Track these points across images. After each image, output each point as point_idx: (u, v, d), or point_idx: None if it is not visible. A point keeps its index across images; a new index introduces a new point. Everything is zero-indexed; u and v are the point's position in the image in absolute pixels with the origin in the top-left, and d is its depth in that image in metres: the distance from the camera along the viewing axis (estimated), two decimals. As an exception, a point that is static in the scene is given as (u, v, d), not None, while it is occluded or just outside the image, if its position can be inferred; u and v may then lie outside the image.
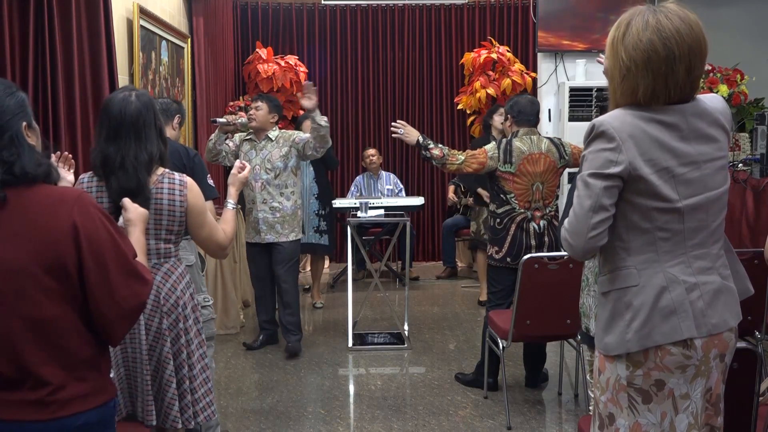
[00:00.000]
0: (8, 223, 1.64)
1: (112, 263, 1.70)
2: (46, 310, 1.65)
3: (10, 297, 1.63)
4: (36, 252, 1.63)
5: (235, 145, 4.84)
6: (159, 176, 2.46)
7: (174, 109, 3.59)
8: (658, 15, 1.82)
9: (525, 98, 4.25)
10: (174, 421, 2.48)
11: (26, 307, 1.64)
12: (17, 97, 1.74)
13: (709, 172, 1.87)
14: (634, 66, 1.81)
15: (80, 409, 1.70)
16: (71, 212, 1.67)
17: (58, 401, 1.67)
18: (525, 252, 4.03)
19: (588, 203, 1.84)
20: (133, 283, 1.74)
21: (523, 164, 4.02)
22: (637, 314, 1.84)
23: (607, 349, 1.90)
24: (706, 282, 1.88)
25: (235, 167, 2.88)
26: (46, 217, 1.65)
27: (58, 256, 1.64)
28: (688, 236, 1.86)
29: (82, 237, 1.66)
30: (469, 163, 4.09)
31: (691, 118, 1.86)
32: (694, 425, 1.90)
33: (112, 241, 1.72)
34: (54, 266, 1.64)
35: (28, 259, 1.63)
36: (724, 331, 1.90)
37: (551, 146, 4.09)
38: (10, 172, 1.65)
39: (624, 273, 1.88)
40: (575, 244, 1.88)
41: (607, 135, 1.83)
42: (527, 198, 4.05)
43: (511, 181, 4.03)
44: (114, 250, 1.71)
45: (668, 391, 1.86)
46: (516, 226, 4.05)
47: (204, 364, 2.60)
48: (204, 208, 2.56)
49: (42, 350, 1.66)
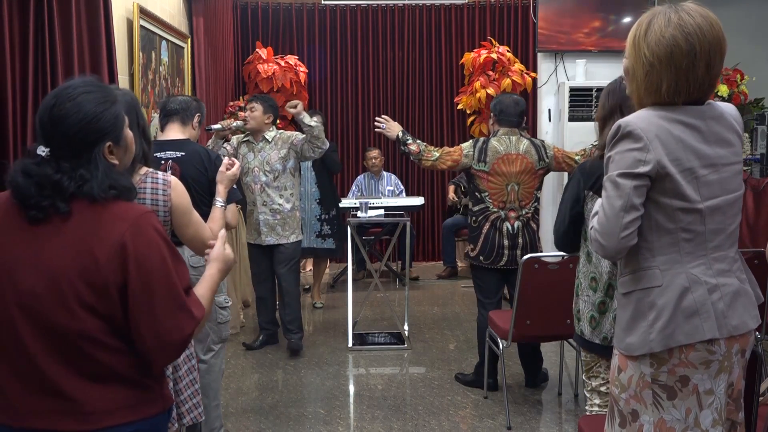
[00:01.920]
0: (65, 233, 1.63)
1: (160, 290, 1.64)
2: (80, 322, 1.62)
3: (48, 302, 1.62)
4: (80, 263, 1.61)
5: (232, 147, 4.83)
6: (142, 176, 2.45)
7: (194, 107, 3.46)
8: (680, 12, 1.85)
9: (509, 98, 4.23)
10: None
11: (61, 315, 1.62)
12: (112, 111, 1.71)
13: (727, 175, 1.90)
14: (657, 62, 1.83)
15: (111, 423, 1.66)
16: (125, 231, 1.63)
17: (83, 412, 1.65)
18: (498, 252, 4.06)
19: (619, 203, 1.84)
20: (179, 315, 1.67)
21: (497, 163, 4.02)
22: (660, 314, 1.85)
23: (629, 350, 1.90)
24: (726, 284, 1.89)
25: (223, 164, 2.86)
26: (99, 232, 1.63)
27: (99, 271, 1.61)
28: (708, 238, 1.88)
29: (131, 258, 1.62)
30: (443, 159, 4.11)
31: (710, 121, 1.89)
32: (718, 421, 1.91)
33: (165, 268, 1.66)
34: (95, 281, 1.61)
35: (72, 269, 1.61)
36: (745, 332, 1.92)
37: (530, 148, 4.09)
38: (81, 188, 1.64)
39: (648, 273, 1.89)
40: (607, 245, 1.88)
41: (634, 135, 1.84)
42: (501, 198, 4.05)
43: (485, 179, 4.05)
44: (165, 278, 1.65)
45: (693, 386, 1.87)
46: (490, 225, 4.07)
47: (191, 365, 2.58)
48: (189, 208, 2.52)
49: (69, 360, 1.64)
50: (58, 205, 1.63)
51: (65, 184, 1.63)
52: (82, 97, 1.67)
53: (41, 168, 1.64)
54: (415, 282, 7.04)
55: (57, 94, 1.69)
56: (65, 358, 1.64)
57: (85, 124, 1.66)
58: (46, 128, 1.66)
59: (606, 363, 2.79)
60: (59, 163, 1.65)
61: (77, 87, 1.70)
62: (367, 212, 5.35)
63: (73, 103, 1.66)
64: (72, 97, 1.67)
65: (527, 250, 4.06)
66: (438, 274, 7.31)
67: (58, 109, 1.66)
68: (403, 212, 5.65)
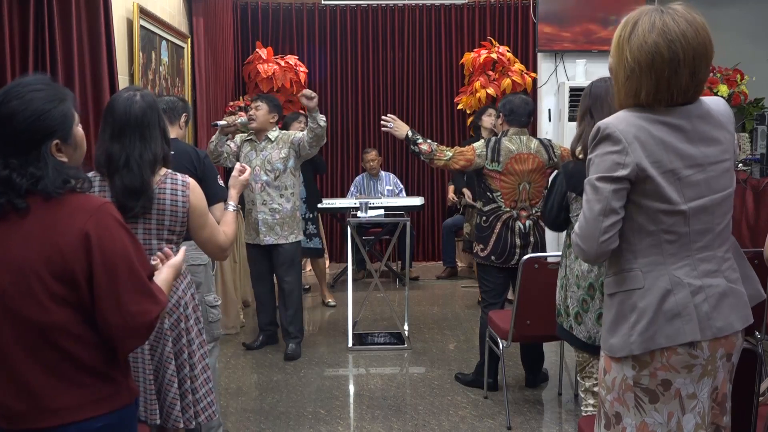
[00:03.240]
0: (26, 227, 1.65)
1: (124, 277, 1.67)
2: (52, 314, 1.64)
3: (16, 297, 1.63)
4: (45, 256, 1.63)
5: (236, 146, 4.85)
6: (162, 176, 2.46)
7: (180, 107, 3.47)
8: (665, 17, 1.80)
9: (519, 98, 4.23)
10: (176, 421, 2.48)
11: (31, 309, 1.63)
12: (60, 109, 1.71)
13: (713, 174, 1.86)
14: (638, 67, 1.80)
15: (90, 415, 1.68)
16: (87, 221, 1.66)
17: (50, 409, 1.66)
18: (510, 251, 4.05)
19: (598, 207, 1.83)
20: (144, 301, 1.70)
21: (510, 163, 4.03)
22: (641, 316, 1.84)
23: (611, 351, 1.90)
24: (712, 285, 1.87)
25: (236, 170, 2.89)
26: (60, 224, 1.65)
27: (65, 262, 1.63)
28: (693, 239, 1.86)
29: (95, 247, 1.64)
30: (456, 159, 4.10)
31: (696, 120, 1.85)
32: (702, 425, 1.89)
33: (127, 256, 1.69)
34: (61, 272, 1.64)
35: (37, 262, 1.63)
36: (730, 334, 1.89)
37: (540, 147, 4.10)
38: (35, 185, 1.65)
39: (630, 275, 1.87)
40: (587, 249, 1.87)
41: (613, 137, 1.82)
42: (513, 197, 4.06)
43: (498, 179, 4.04)
44: (127, 265, 1.68)
45: (675, 390, 1.86)
46: (502, 224, 4.07)
47: (205, 364, 2.60)
48: (206, 210, 2.55)
49: (38, 356, 1.65)
50: (15, 201, 1.64)
51: (17, 180, 1.64)
52: (30, 95, 1.68)
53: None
54: (415, 282, 7.03)
55: (6, 91, 1.69)
56: (33, 354, 1.65)
57: (32, 122, 1.66)
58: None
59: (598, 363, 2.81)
60: (7, 160, 1.65)
61: (27, 85, 1.70)
62: (367, 212, 5.35)
63: (21, 101, 1.67)
64: (20, 95, 1.67)
65: (538, 249, 4.06)
66: (438, 274, 7.31)
67: (5, 106, 1.66)
68: (403, 212, 5.65)
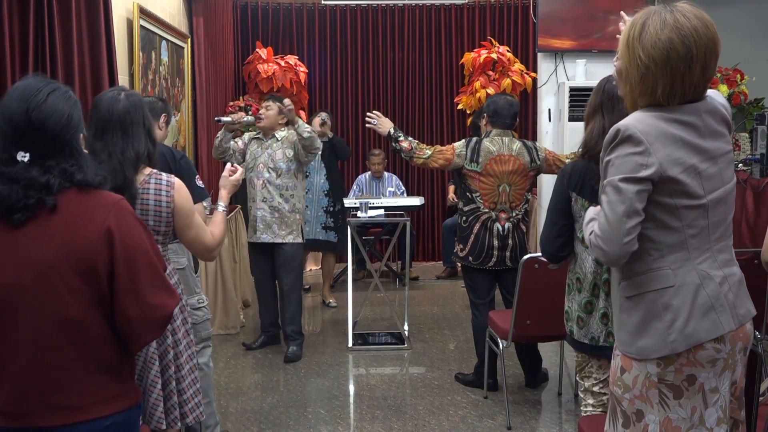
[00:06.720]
0: (51, 224, 1.67)
1: (143, 270, 1.71)
2: (73, 310, 1.66)
3: (38, 293, 1.64)
4: (68, 252, 1.65)
5: (243, 143, 4.86)
6: (146, 176, 2.45)
7: (159, 107, 3.39)
8: (676, 14, 1.82)
9: (504, 99, 4.21)
10: (158, 422, 2.45)
11: (54, 305, 1.65)
12: (77, 104, 1.76)
13: (723, 165, 1.90)
14: (653, 64, 1.81)
15: (98, 415, 1.70)
16: (107, 216, 1.69)
17: (72, 406, 1.67)
18: (487, 252, 4.05)
19: (621, 208, 1.82)
20: (162, 294, 1.75)
21: (490, 164, 4.02)
22: (678, 314, 1.84)
23: (643, 353, 1.87)
24: (731, 274, 1.91)
25: (227, 170, 2.87)
26: (82, 219, 1.68)
27: (88, 257, 1.66)
28: (711, 231, 1.88)
29: (117, 241, 1.68)
30: (435, 158, 4.10)
31: (705, 116, 1.88)
32: (723, 419, 1.91)
33: (145, 250, 1.73)
34: (84, 267, 1.66)
35: (60, 258, 1.65)
36: (748, 322, 1.93)
37: (522, 149, 4.08)
38: (70, 179, 1.68)
39: (659, 274, 1.87)
40: (610, 250, 1.85)
41: (635, 138, 1.82)
42: (493, 199, 4.05)
43: (477, 179, 4.04)
44: (146, 259, 1.73)
45: (699, 385, 1.87)
46: (480, 224, 4.06)
47: (193, 364, 2.59)
48: (191, 210, 2.53)
49: (64, 350, 1.67)
50: (45, 199, 1.66)
51: (51, 182, 1.67)
52: (51, 97, 1.71)
53: (27, 172, 1.66)
54: (415, 282, 7.03)
55: (24, 97, 1.69)
56: (50, 352, 1.66)
57: (65, 123, 1.70)
58: (27, 133, 1.67)
59: (597, 363, 2.80)
60: (44, 164, 1.67)
61: (41, 88, 1.72)
62: (368, 212, 5.35)
63: (47, 105, 1.69)
64: (41, 99, 1.70)
65: (516, 252, 4.06)
66: (438, 274, 7.31)
67: (36, 113, 1.68)
68: (403, 212, 5.65)
